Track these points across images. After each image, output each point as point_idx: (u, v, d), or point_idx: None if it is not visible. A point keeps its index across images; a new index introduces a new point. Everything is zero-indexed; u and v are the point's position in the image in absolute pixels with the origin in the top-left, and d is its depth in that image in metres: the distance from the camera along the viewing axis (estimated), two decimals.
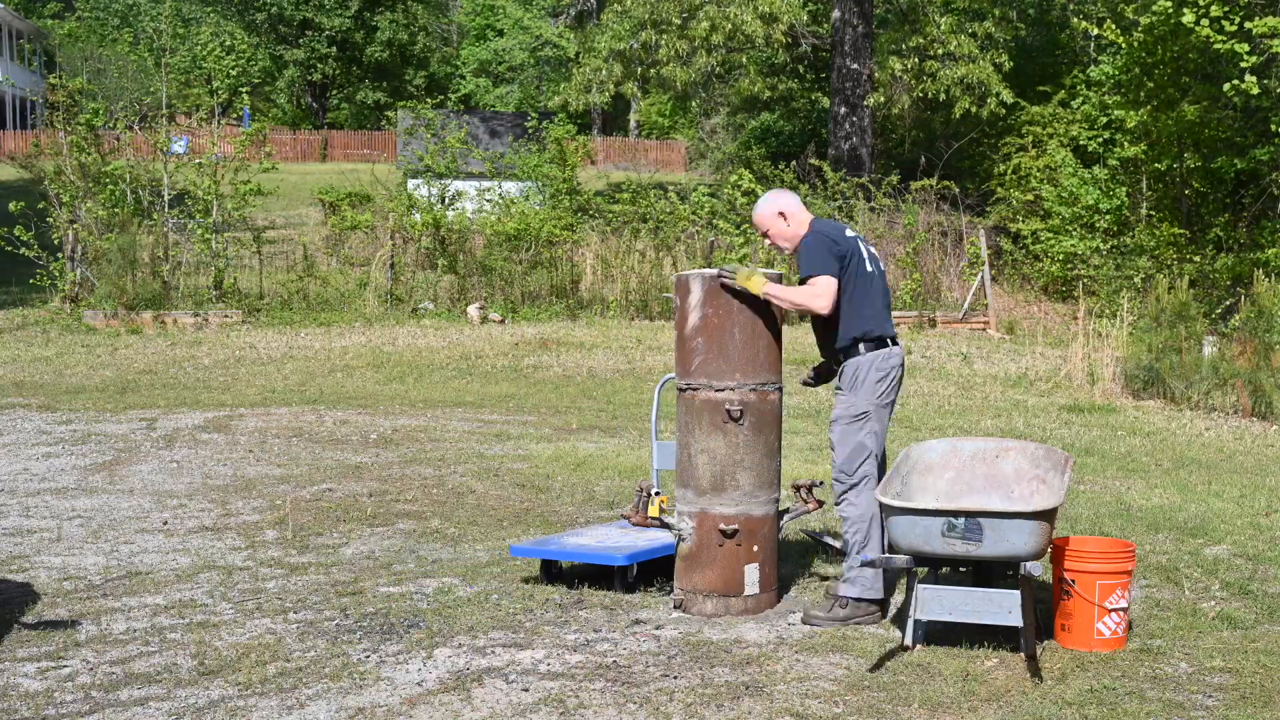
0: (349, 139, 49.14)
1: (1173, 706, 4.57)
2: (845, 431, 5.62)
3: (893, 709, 4.54)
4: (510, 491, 8.36)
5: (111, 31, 54.11)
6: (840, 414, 5.64)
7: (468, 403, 12.59)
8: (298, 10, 50.09)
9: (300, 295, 19.82)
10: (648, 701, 4.59)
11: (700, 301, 5.62)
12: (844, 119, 25.89)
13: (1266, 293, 13.78)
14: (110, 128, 20.68)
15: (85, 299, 19.07)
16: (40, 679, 4.81)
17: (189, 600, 5.85)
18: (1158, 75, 21.19)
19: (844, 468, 5.61)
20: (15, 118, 52.28)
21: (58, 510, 7.71)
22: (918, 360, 15.90)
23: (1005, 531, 4.95)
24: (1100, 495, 8.29)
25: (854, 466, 5.58)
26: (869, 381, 5.62)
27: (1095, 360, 14.25)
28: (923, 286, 20.84)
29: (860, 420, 5.60)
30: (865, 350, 5.63)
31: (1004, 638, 5.18)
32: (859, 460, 5.58)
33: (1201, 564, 6.53)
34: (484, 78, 56.21)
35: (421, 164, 23.10)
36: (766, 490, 5.65)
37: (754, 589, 5.64)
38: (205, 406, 12.07)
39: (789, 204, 5.82)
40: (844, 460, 5.61)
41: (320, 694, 4.66)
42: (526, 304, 20.14)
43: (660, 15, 24.88)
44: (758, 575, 5.65)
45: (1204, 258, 20.83)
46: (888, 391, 5.67)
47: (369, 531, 7.23)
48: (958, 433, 10.67)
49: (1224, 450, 10.41)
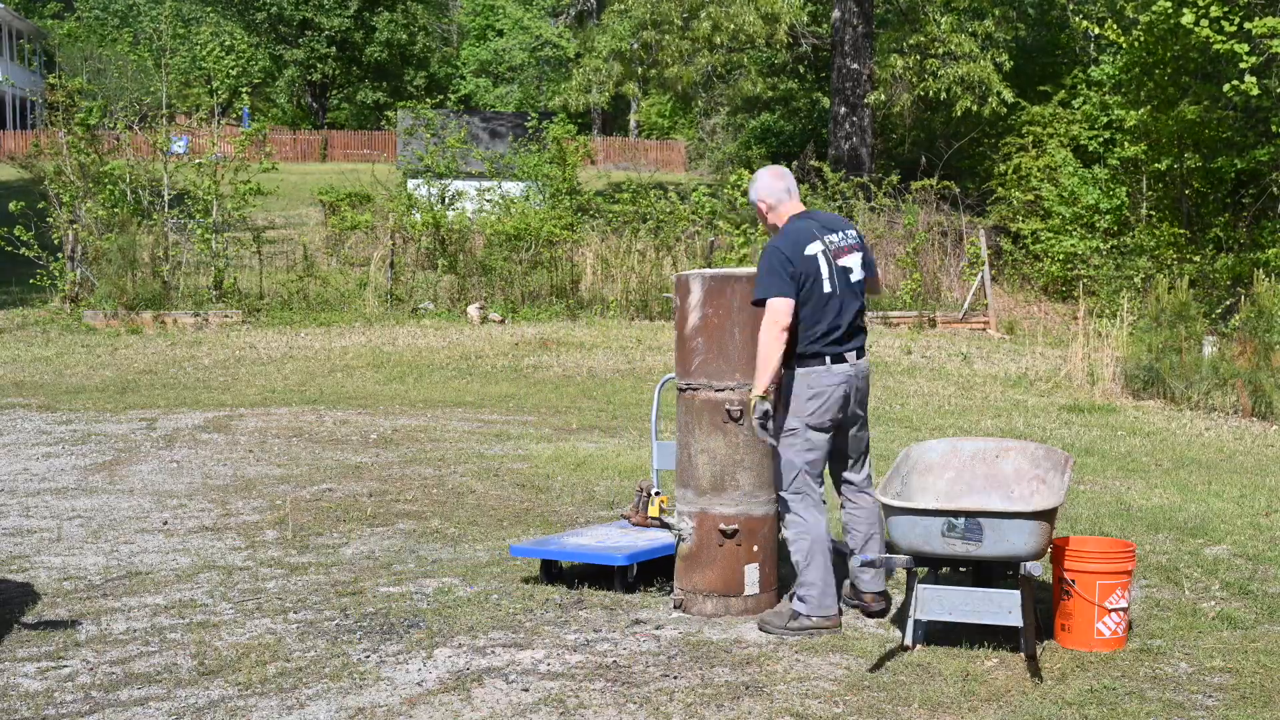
0: (349, 139, 49.13)
1: (1173, 706, 4.57)
2: (781, 446, 5.48)
3: (893, 709, 4.54)
4: (510, 491, 8.36)
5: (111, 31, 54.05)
6: (779, 425, 5.46)
7: (468, 403, 12.60)
8: (297, 10, 50.08)
9: (300, 295, 19.82)
10: (648, 701, 4.60)
11: (700, 301, 5.62)
12: (844, 119, 25.89)
13: (1266, 293, 13.77)
14: (110, 127, 20.68)
15: (85, 299, 19.07)
16: (40, 679, 4.81)
17: (189, 600, 5.85)
18: (1158, 75, 21.19)
19: (777, 485, 5.54)
20: (15, 118, 52.28)
21: (58, 510, 7.71)
22: (918, 360, 15.89)
23: (1005, 531, 4.95)
24: (1100, 495, 8.29)
25: (785, 484, 5.48)
26: (799, 399, 5.44)
27: (1095, 360, 14.25)
28: (923, 286, 20.83)
29: (790, 436, 5.45)
30: (798, 367, 5.43)
31: (1004, 638, 5.18)
32: (789, 477, 5.46)
33: (1201, 564, 6.53)
34: (484, 78, 56.21)
35: (421, 164, 23.10)
36: (766, 490, 5.65)
37: (754, 589, 5.64)
38: (205, 406, 12.07)
39: (766, 191, 5.60)
40: (776, 478, 5.54)
41: (320, 694, 4.66)
42: (526, 304, 20.14)
43: (661, 15, 24.88)
44: (758, 575, 5.65)
45: (1204, 258, 20.83)
46: (822, 410, 5.42)
47: (369, 531, 7.23)
48: (958, 433, 10.67)
49: (1224, 450, 10.41)
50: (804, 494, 5.45)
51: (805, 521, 5.44)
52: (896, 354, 16.29)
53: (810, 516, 5.44)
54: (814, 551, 5.41)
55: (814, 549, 5.41)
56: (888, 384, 13.77)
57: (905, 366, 15.43)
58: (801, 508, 5.45)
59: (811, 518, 5.44)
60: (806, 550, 5.42)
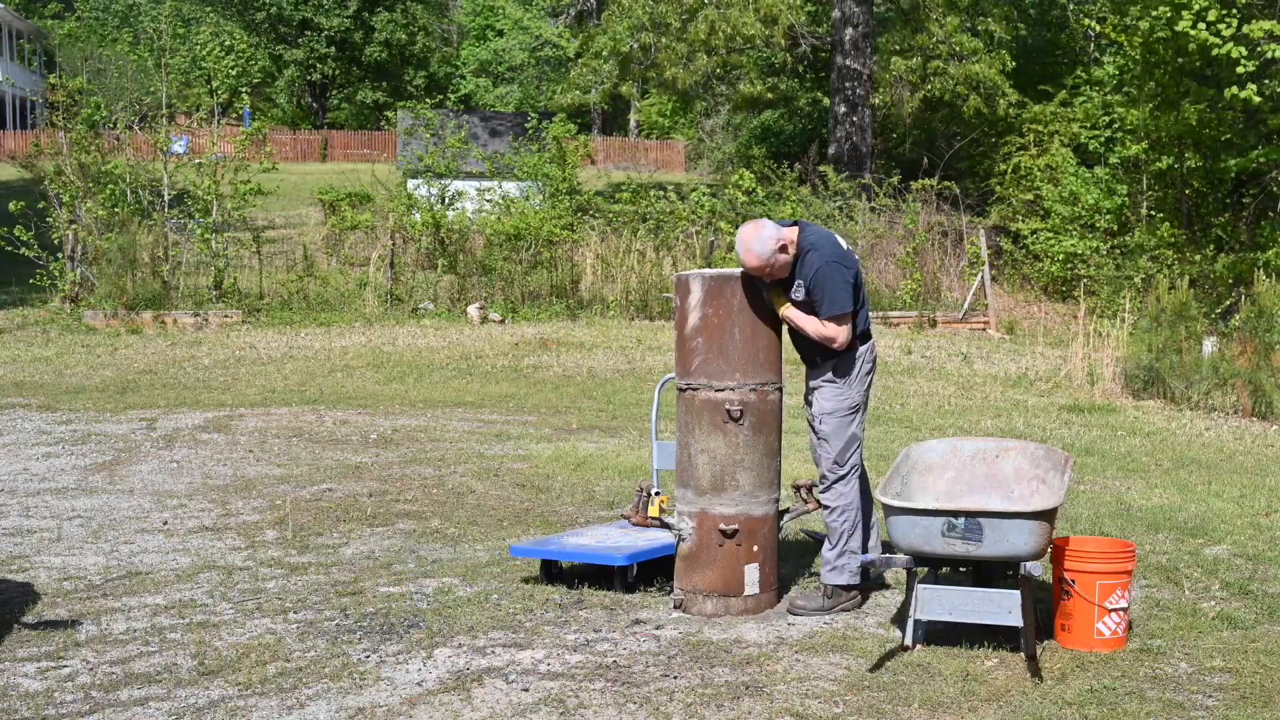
0: (349, 139, 49.15)
1: (1173, 706, 4.57)
2: (842, 424, 5.72)
3: (893, 709, 4.54)
4: (510, 491, 8.36)
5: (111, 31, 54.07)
6: (835, 407, 5.71)
7: (468, 403, 12.59)
8: (297, 10, 50.09)
9: (300, 295, 19.82)
10: (648, 701, 4.59)
11: (700, 301, 5.62)
12: (844, 118, 25.90)
13: (1266, 293, 13.77)
14: (110, 127, 20.67)
15: (85, 299, 19.07)
16: (40, 679, 4.81)
17: (189, 600, 5.85)
18: (1159, 75, 21.19)
19: (830, 459, 5.74)
20: (15, 118, 52.30)
21: (58, 510, 7.71)
22: (918, 360, 15.90)
23: (1005, 531, 4.95)
24: (1100, 495, 8.28)
25: (844, 456, 5.73)
26: (859, 375, 5.75)
27: (1095, 360, 14.25)
28: (923, 286, 20.84)
29: (852, 413, 5.74)
30: (860, 346, 5.74)
31: (1004, 638, 5.18)
32: (850, 450, 5.74)
33: (1201, 564, 6.53)
34: (484, 78, 56.22)
35: (421, 164, 23.10)
36: (766, 490, 5.65)
37: (754, 589, 5.64)
38: (205, 406, 12.07)
39: (784, 232, 5.58)
40: (827, 453, 5.75)
41: (320, 694, 4.66)
42: (526, 304, 20.15)
43: (659, 17, 24.88)
44: (758, 575, 5.65)
45: (1204, 258, 20.83)
46: (869, 384, 5.85)
47: (369, 531, 7.23)
48: (958, 433, 10.67)
49: (1224, 450, 10.41)
50: (858, 466, 5.79)
51: (851, 494, 5.75)
52: (896, 354, 16.29)
53: (855, 489, 5.77)
54: (856, 522, 5.75)
55: (856, 520, 5.75)
56: (888, 384, 13.77)
57: (905, 366, 15.43)
58: (852, 480, 5.75)
59: (855, 490, 5.78)
60: (853, 521, 5.73)
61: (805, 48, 27.55)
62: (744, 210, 21.16)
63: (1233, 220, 22.27)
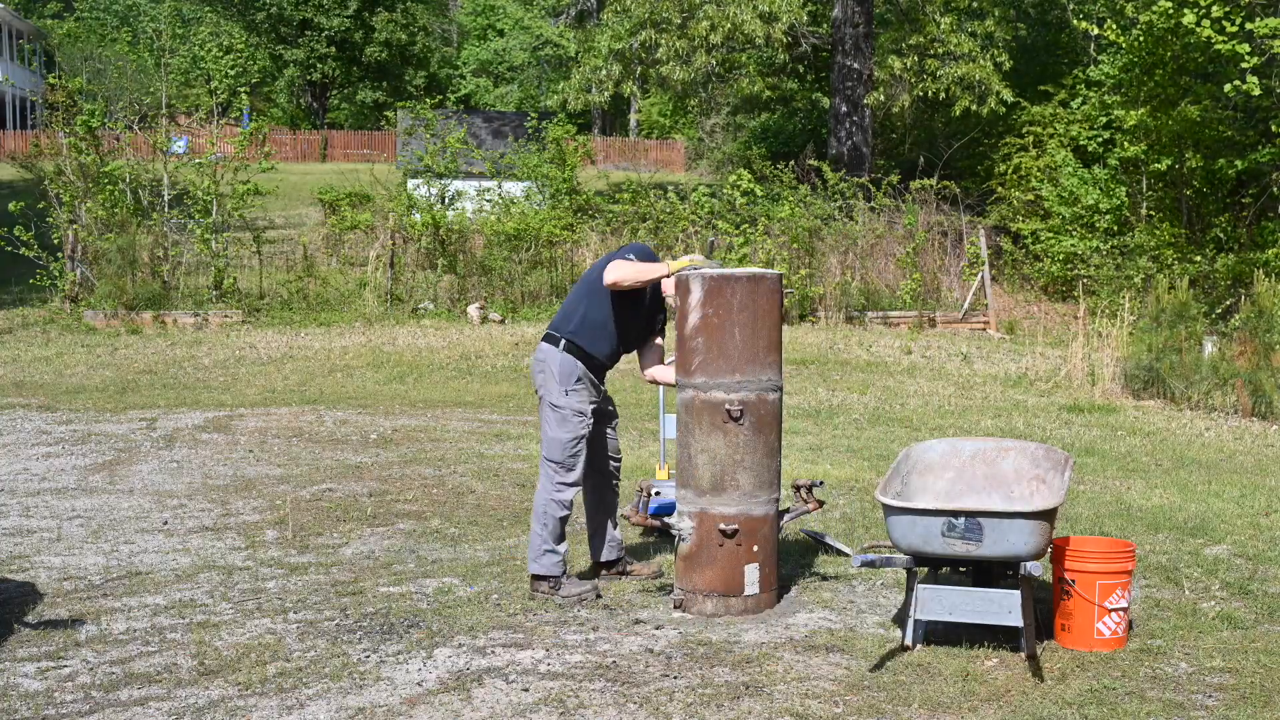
0: (349, 139, 49.11)
1: (1173, 706, 4.57)
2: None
3: (893, 709, 4.54)
4: (510, 491, 8.36)
5: (111, 31, 54.04)
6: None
7: (468, 403, 12.59)
8: (297, 10, 50.06)
9: (300, 295, 19.81)
10: (648, 701, 4.59)
11: (700, 301, 5.62)
12: (844, 118, 25.89)
13: (1266, 293, 13.77)
14: (110, 128, 20.66)
15: (85, 299, 19.06)
16: (40, 679, 4.81)
17: (189, 600, 5.85)
18: (1158, 75, 21.19)
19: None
20: (15, 118, 52.27)
21: (58, 510, 7.71)
22: (918, 360, 15.90)
23: (1005, 531, 4.95)
24: (1100, 495, 8.29)
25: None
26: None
27: (1095, 360, 14.25)
28: (923, 286, 20.83)
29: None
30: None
31: (1004, 638, 5.18)
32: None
33: (1201, 564, 6.53)
34: (484, 78, 56.19)
35: (421, 164, 23.07)
36: (766, 490, 5.65)
37: (754, 589, 5.64)
38: (205, 406, 12.07)
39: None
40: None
41: (320, 694, 4.66)
42: (526, 304, 20.14)
43: (660, 15, 24.87)
44: (758, 575, 5.65)
45: (1204, 258, 20.83)
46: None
47: (369, 531, 7.23)
48: (958, 433, 10.67)
49: (1224, 450, 10.41)
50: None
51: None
52: (896, 354, 16.29)
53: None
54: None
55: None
56: (888, 384, 13.78)
57: (905, 366, 15.43)
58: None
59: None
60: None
61: (805, 47, 27.53)
62: (743, 210, 21.14)
63: (1233, 220, 22.28)
